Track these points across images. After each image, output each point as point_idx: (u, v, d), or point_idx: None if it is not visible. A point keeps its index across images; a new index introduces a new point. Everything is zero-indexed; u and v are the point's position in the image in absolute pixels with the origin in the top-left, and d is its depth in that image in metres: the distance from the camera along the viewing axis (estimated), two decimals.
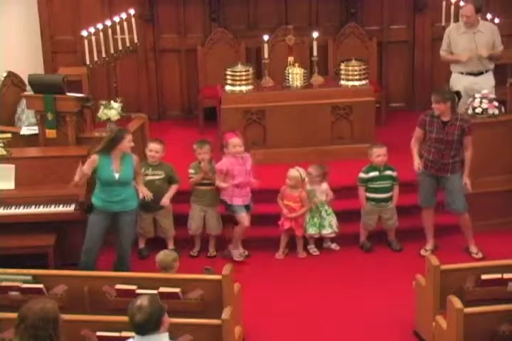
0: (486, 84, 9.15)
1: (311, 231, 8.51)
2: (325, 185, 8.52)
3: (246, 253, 8.60)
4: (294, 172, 8.40)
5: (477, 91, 8.93)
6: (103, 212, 7.74)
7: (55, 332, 4.85)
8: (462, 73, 9.23)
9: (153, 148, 8.44)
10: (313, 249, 8.65)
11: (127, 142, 7.64)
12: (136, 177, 7.88)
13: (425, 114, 8.27)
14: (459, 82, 9.21)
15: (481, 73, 9.21)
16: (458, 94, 8.44)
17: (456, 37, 9.18)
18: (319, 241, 8.68)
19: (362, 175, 8.53)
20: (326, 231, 8.54)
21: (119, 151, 7.64)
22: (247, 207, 8.41)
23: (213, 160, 8.47)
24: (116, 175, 7.64)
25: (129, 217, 7.81)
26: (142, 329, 4.93)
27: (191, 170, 8.48)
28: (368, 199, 8.55)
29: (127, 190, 7.77)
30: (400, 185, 8.57)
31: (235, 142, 8.22)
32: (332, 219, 8.53)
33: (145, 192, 7.93)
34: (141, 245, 8.67)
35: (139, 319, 4.88)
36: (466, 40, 9.11)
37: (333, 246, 8.69)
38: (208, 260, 8.51)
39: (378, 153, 8.45)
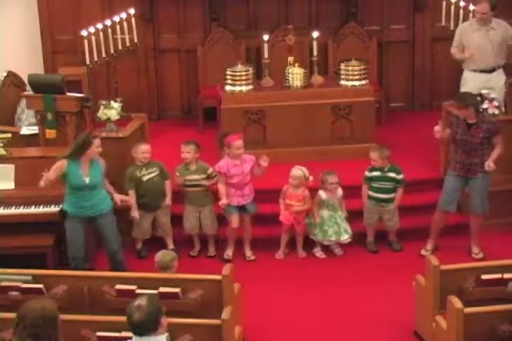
0: (500, 79, 9.21)
1: (320, 237, 8.48)
2: (340, 191, 8.51)
3: (253, 257, 8.58)
4: (297, 171, 8.39)
5: (490, 88, 8.94)
6: (78, 218, 7.72)
7: (54, 331, 4.85)
8: (476, 71, 9.23)
9: (146, 150, 8.43)
10: (319, 252, 8.63)
11: (95, 147, 7.62)
12: (103, 181, 7.91)
13: (454, 115, 8.26)
14: (471, 79, 9.21)
15: (493, 70, 9.22)
16: (481, 96, 8.44)
17: (470, 34, 9.18)
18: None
19: (366, 173, 8.54)
20: (343, 238, 8.51)
21: (88, 157, 7.64)
22: (244, 209, 8.42)
23: (199, 161, 8.50)
24: (86, 180, 7.63)
25: (105, 219, 7.79)
26: (140, 329, 4.92)
27: (176, 174, 8.53)
28: (370, 197, 8.56)
29: (98, 194, 7.75)
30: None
31: (239, 145, 8.23)
32: (346, 225, 8.52)
33: (120, 198, 8.01)
34: (139, 246, 8.68)
35: (137, 318, 4.88)
36: (480, 37, 9.13)
37: (337, 250, 8.66)
38: (208, 260, 8.52)
39: (370, 157, 8.48)
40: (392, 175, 8.47)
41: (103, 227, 7.79)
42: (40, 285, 6.66)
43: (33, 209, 8.05)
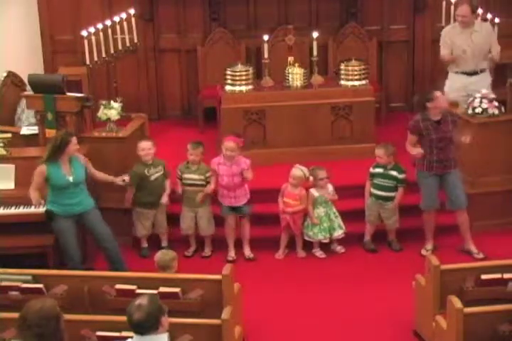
0: (483, 82, 9.17)
1: (321, 236, 8.51)
2: (330, 186, 8.53)
3: (251, 256, 8.59)
4: (298, 171, 8.40)
5: (474, 91, 8.93)
6: (66, 217, 7.71)
7: (59, 328, 4.87)
8: (457, 72, 9.25)
9: (146, 146, 8.44)
10: (319, 252, 8.63)
11: (73, 145, 7.62)
12: (95, 174, 7.93)
13: (415, 120, 8.22)
14: (455, 81, 9.23)
15: (475, 73, 9.21)
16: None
17: (453, 37, 9.19)
18: (323, 243, 8.65)
19: (370, 169, 8.56)
20: (337, 234, 8.54)
21: (67, 156, 7.64)
22: (238, 210, 8.43)
23: (203, 162, 8.53)
24: (70, 178, 7.64)
25: (93, 215, 7.81)
26: (140, 328, 4.93)
27: (178, 172, 8.55)
28: (371, 194, 8.57)
29: (82, 191, 7.78)
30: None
31: (226, 145, 8.28)
32: (340, 220, 8.54)
33: (120, 178, 8.04)
34: (144, 244, 8.69)
35: (137, 317, 4.89)
36: (464, 40, 9.13)
37: (339, 248, 8.67)
38: (203, 260, 8.52)
39: (376, 154, 8.49)
40: (393, 173, 8.48)
41: (92, 222, 7.81)
42: (40, 285, 6.66)
43: (33, 209, 8.03)
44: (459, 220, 8.40)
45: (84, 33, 9.38)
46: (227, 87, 9.56)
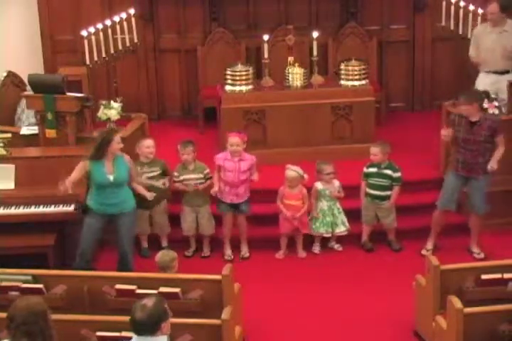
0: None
1: (323, 230, 8.52)
2: (337, 182, 8.53)
3: (247, 254, 8.60)
4: (291, 172, 8.39)
5: (501, 89, 8.91)
6: (98, 215, 7.71)
7: (46, 325, 4.87)
8: (488, 72, 9.21)
9: (150, 144, 8.45)
10: (318, 247, 8.66)
11: (116, 144, 7.62)
12: (132, 178, 7.88)
13: (454, 113, 8.21)
14: (483, 80, 9.20)
15: (507, 72, 9.18)
16: (486, 93, 8.42)
17: (483, 36, 9.16)
18: (324, 240, 8.67)
19: (364, 169, 8.56)
20: (339, 230, 8.56)
21: (110, 154, 7.64)
22: (236, 207, 8.42)
23: (197, 160, 8.53)
24: (111, 177, 7.62)
25: (127, 218, 7.78)
26: (138, 328, 4.94)
27: (175, 173, 8.53)
28: (366, 194, 8.57)
29: (123, 192, 7.75)
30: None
31: (231, 141, 8.29)
32: (344, 217, 8.55)
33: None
34: (145, 245, 8.69)
35: (138, 317, 4.90)
36: (492, 39, 9.10)
37: (337, 246, 8.69)
38: (203, 260, 8.53)
39: (370, 152, 8.49)
40: (388, 172, 8.48)
41: (122, 226, 7.77)
42: (40, 285, 6.66)
43: (33, 209, 8.04)
44: (471, 222, 8.43)
45: (84, 33, 9.38)
46: (227, 87, 9.56)
